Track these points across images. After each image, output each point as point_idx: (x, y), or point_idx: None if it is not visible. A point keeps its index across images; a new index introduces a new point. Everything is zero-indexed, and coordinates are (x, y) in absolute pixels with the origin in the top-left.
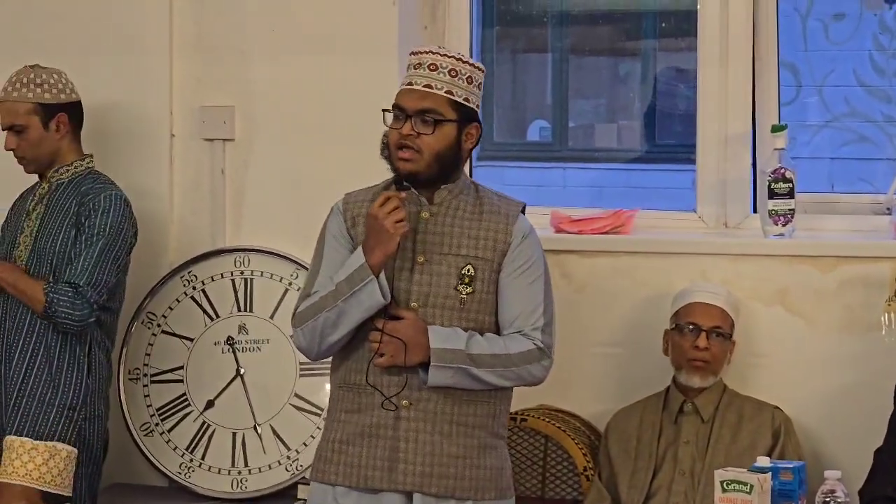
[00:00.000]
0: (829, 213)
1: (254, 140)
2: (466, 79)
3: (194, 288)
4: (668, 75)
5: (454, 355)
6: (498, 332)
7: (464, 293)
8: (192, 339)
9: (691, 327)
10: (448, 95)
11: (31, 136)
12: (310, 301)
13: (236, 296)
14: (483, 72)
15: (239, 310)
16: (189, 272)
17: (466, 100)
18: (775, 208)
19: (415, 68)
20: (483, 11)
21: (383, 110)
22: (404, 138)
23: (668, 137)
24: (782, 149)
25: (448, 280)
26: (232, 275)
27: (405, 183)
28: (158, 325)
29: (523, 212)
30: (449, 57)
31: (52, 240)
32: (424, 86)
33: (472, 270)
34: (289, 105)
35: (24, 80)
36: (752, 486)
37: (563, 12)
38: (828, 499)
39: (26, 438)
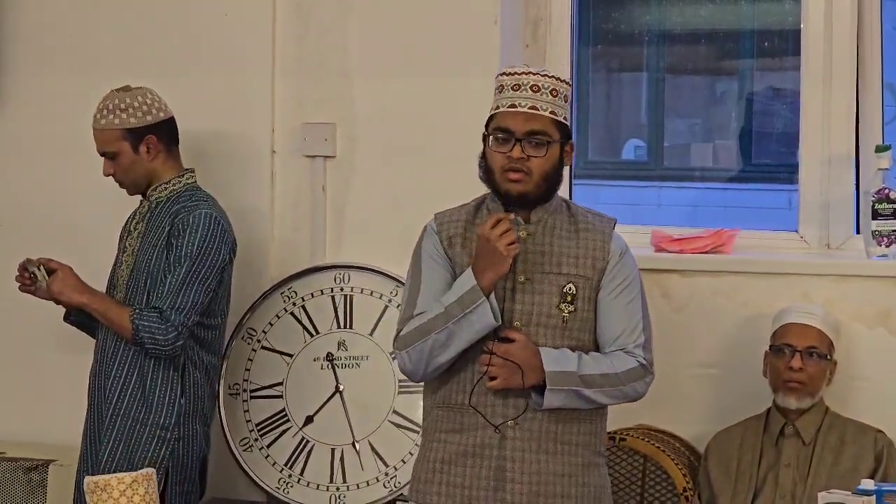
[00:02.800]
0: None
1: (354, 158)
2: (564, 98)
3: (294, 304)
4: (765, 94)
5: (567, 377)
6: (596, 349)
7: (566, 312)
8: (291, 355)
9: (787, 348)
10: (552, 116)
11: (123, 161)
12: (416, 323)
13: (336, 312)
14: (570, 87)
15: (338, 326)
16: (289, 288)
17: (565, 118)
18: (879, 229)
19: (513, 89)
20: (580, 30)
21: (484, 135)
22: (515, 161)
23: (765, 157)
24: (886, 169)
25: (550, 299)
26: (332, 291)
27: (511, 205)
28: (258, 341)
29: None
30: (549, 77)
31: (147, 259)
32: (530, 107)
33: (573, 289)
34: (389, 123)
35: (111, 107)
36: None
37: (663, 31)
38: None
39: (111, 475)
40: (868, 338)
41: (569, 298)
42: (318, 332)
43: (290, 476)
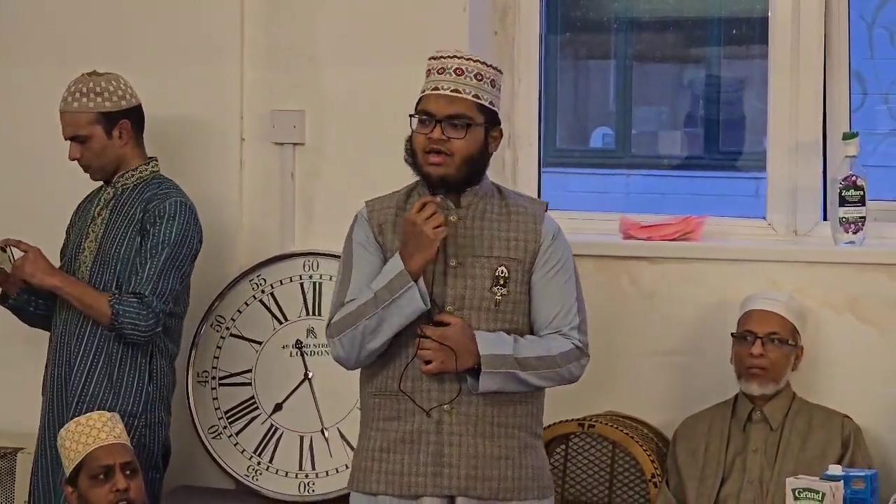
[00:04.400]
0: None
1: (324, 144)
2: (490, 82)
3: (263, 291)
4: (732, 83)
5: (503, 361)
6: (531, 332)
7: (498, 295)
8: (260, 343)
9: (749, 335)
10: (475, 99)
11: (94, 145)
12: (346, 310)
13: (305, 299)
14: (502, 74)
15: (307, 313)
16: (258, 275)
17: (491, 103)
18: (846, 216)
19: (438, 73)
20: (549, 17)
21: (410, 115)
22: (435, 143)
23: (732, 145)
24: (854, 156)
25: (483, 282)
26: (301, 278)
27: (436, 189)
28: (227, 328)
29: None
30: (474, 61)
31: (116, 246)
32: (452, 90)
33: (505, 272)
34: (358, 110)
35: (84, 90)
36: (823, 495)
37: (631, 19)
38: None
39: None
40: (835, 324)
41: (501, 281)
42: (286, 320)
43: (258, 463)
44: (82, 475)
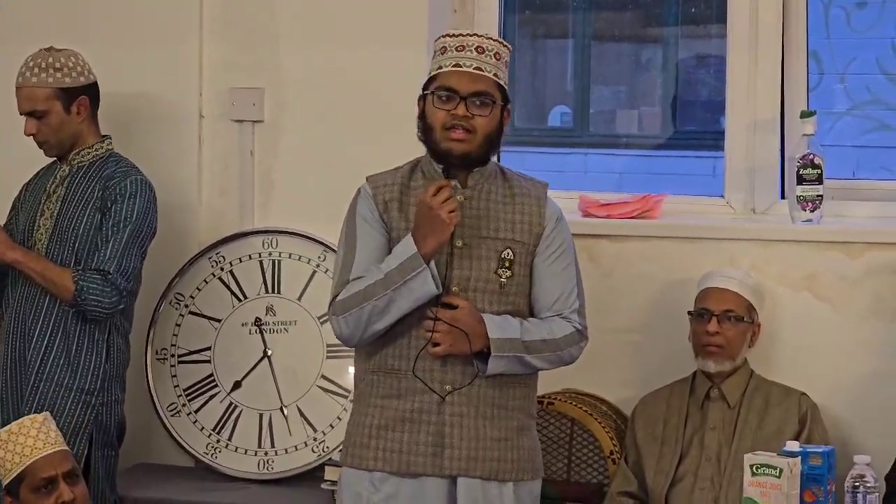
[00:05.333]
0: (855, 200)
1: (283, 123)
2: (504, 62)
3: (222, 269)
4: (690, 62)
5: (511, 344)
6: (530, 314)
7: (504, 277)
8: (219, 321)
9: (705, 312)
10: (495, 78)
11: (52, 121)
12: (354, 288)
13: (264, 277)
14: (511, 51)
15: (267, 291)
16: (217, 253)
17: (506, 82)
18: (804, 194)
19: (458, 50)
20: None
21: (428, 92)
22: (460, 119)
23: (690, 124)
24: (811, 135)
25: (489, 264)
26: (260, 256)
27: (451, 166)
28: (186, 306)
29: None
30: (493, 40)
31: (75, 223)
32: (475, 68)
33: (511, 254)
34: (318, 88)
35: (43, 65)
36: (781, 471)
37: None
38: (857, 483)
39: (27, 417)
40: (793, 301)
41: (506, 264)
42: (246, 297)
43: (218, 441)
44: (24, 487)
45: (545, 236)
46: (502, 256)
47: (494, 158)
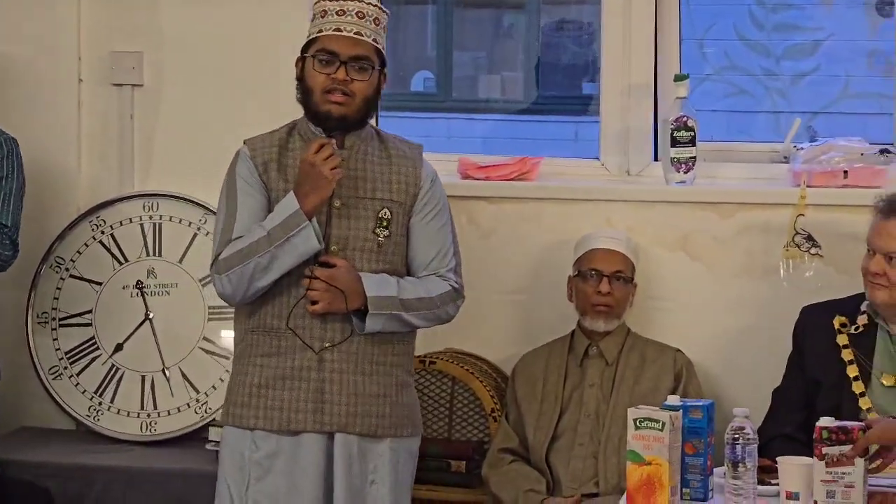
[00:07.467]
0: (727, 162)
1: (162, 86)
2: (383, 28)
3: (103, 232)
4: (552, 28)
5: (389, 302)
6: (407, 273)
7: (381, 236)
8: (100, 284)
9: (593, 273)
10: (374, 44)
11: None
12: (236, 247)
13: (145, 240)
14: (389, 17)
15: (148, 254)
16: (97, 217)
17: (384, 47)
18: (677, 156)
19: (338, 14)
20: None
21: (308, 55)
22: (339, 83)
23: (553, 89)
24: (684, 97)
25: (366, 224)
26: (141, 219)
27: (330, 129)
28: (67, 270)
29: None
30: (372, 6)
31: None
32: (356, 33)
33: (388, 214)
34: (196, 51)
35: None
36: (664, 424)
37: None
38: (737, 435)
39: None
40: (668, 261)
41: (384, 223)
42: (127, 260)
43: (100, 404)
44: None
45: (421, 196)
46: (380, 216)
47: (372, 121)
